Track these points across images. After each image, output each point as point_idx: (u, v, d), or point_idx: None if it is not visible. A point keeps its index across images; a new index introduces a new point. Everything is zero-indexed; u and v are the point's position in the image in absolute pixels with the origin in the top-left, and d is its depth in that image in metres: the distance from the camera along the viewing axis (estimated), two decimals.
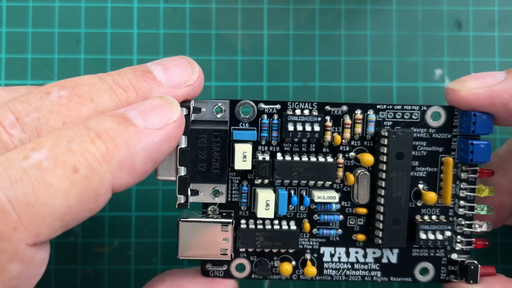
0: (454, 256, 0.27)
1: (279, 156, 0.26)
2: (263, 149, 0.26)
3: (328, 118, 0.26)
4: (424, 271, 0.28)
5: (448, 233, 0.27)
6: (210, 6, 0.33)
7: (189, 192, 0.25)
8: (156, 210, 0.32)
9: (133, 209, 0.32)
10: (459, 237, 0.27)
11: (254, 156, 0.26)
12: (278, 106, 0.26)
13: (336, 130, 0.26)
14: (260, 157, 0.26)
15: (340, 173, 0.27)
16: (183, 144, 0.25)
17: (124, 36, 0.33)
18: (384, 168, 0.26)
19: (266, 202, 0.26)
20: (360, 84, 0.33)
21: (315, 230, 0.27)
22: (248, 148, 0.25)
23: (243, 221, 0.27)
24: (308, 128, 0.26)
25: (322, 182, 0.27)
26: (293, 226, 0.27)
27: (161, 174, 0.25)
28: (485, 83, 0.25)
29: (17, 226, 0.19)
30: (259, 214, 0.26)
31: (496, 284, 0.26)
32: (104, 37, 0.32)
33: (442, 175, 0.27)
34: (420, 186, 0.27)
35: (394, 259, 0.27)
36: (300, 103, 0.26)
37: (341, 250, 0.27)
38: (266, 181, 0.26)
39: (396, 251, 0.27)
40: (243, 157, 0.25)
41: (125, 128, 0.21)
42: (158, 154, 0.22)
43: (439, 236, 0.26)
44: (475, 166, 0.27)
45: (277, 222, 0.27)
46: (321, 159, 0.26)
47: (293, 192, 0.27)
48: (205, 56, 0.33)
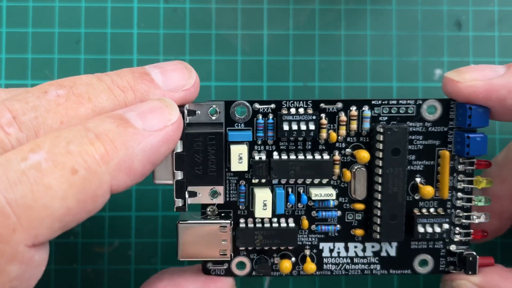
0: (453, 248, 0.27)
1: (275, 156, 0.26)
2: (259, 149, 0.27)
3: (323, 115, 0.26)
4: (423, 263, 0.28)
5: (446, 226, 0.27)
6: (210, 6, 0.33)
7: (187, 194, 0.25)
8: (156, 210, 0.32)
9: (133, 209, 0.32)
10: (457, 228, 0.27)
11: (250, 156, 0.26)
12: (273, 106, 0.26)
13: (332, 127, 0.27)
14: (257, 157, 0.26)
15: (337, 170, 0.27)
16: (179, 149, 0.25)
17: (124, 36, 0.33)
18: (380, 164, 0.26)
19: (263, 202, 0.26)
20: (360, 84, 0.33)
21: (313, 227, 0.27)
22: (243, 149, 0.26)
23: (242, 220, 0.27)
24: (303, 126, 0.26)
25: (319, 180, 0.27)
26: (292, 224, 0.27)
27: (158, 178, 0.25)
28: (484, 76, 0.25)
29: (16, 228, 0.19)
30: (257, 214, 0.26)
31: (495, 275, 0.26)
32: (104, 37, 0.32)
33: (439, 168, 0.27)
34: (418, 179, 0.27)
35: (393, 252, 0.28)
36: (295, 102, 0.26)
37: (340, 245, 0.27)
38: (264, 180, 0.27)
39: (395, 244, 0.27)
40: (239, 159, 0.26)
41: (124, 130, 0.21)
42: (157, 156, 0.22)
43: (437, 229, 0.27)
44: (472, 158, 0.27)
45: (275, 220, 0.27)
46: (317, 156, 0.26)
47: (290, 190, 0.27)
48: (205, 56, 0.33)
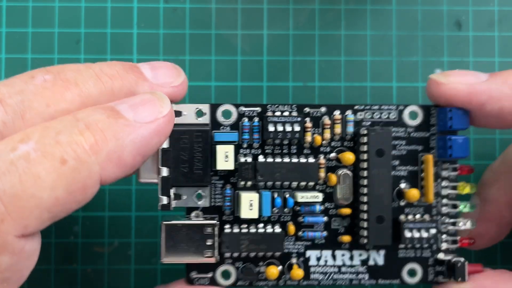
0: (441, 256, 0.27)
1: (261, 158, 0.26)
2: (245, 152, 0.26)
3: (307, 119, 0.27)
4: (412, 273, 0.27)
5: (433, 231, 0.27)
6: (210, 6, 0.33)
7: (172, 196, 0.25)
8: (156, 210, 0.32)
9: (133, 209, 0.32)
10: (444, 236, 0.27)
11: (236, 159, 0.26)
12: (258, 109, 0.26)
13: (316, 131, 0.27)
14: (242, 159, 0.26)
15: (322, 173, 0.27)
16: (165, 145, 0.25)
17: (124, 36, 0.33)
18: (365, 166, 0.26)
19: (249, 202, 0.26)
20: (360, 84, 0.33)
21: (300, 233, 0.27)
22: (229, 148, 0.26)
23: (227, 226, 0.26)
24: (288, 128, 0.26)
25: (305, 183, 0.26)
26: (278, 229, 0.26)
27: (143, 177, 0.25)
28: (467, 81, 0.26)
29: (5, 218, 0.19)
30: (243, 215, 0.26)
31: (485, 281, 0.26)
32: (104, 37, 0.32)
33: (423, 174, 0.27)
34: (402, 185, 0.27)
35: (381, 261, 0.27)
36: (280, 106, 0.26)
37: (327, 253, 0.27)
38: (249, 183, 0.26)
39: (382, 252, 0.27)
40: (225, 157, 0.26)
41: (114, 121, 0.21)
42: (147, 148, 0.22)
43: (424, 234, 0.26)
44: (455, 163, 0.27)
45: (262, 225, 0.27)
46: (303, 160, 0.26)
47: (276, 195, 0.27)
48: (205, 56, 0.33)
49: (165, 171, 0.25)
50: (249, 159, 0.26)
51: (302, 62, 0.33)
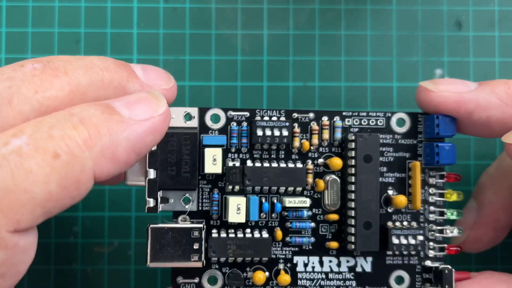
0: (428, 263, 0.27)
1: (249, 163, 0.26)
2: (233, 157, 0.26)
3: (296, 125, 0.27)
4: (399, 280, 0.27)
5: (421, 237, 0.27)
6: (210, 6, 0.33)
7: (159, 199, 0.25)
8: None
9: (133, 209, 0.32)
10: (431, 243, 0.27)
11: (224, 163, 0.26)
12: (247, 114, 0.26)
13: (305, 137, 0.27)
14: (230, 164, 0.26)
15: (310, 179, 0.27)
16: (153, 147, 0.24)
17: (124, 36, 0.33)
18: (353, 172, 0.26)
19: (237, 206, 0.26)
20: (360, 84, 0.33)
21: (287, 239, 0.27)
22: (218, 151, 0.26)
23: (214, 231, 0.26)
24: (276, 133, 0.26)
25: (292, 189, 0.26)
26: (266, 234, 0.26)
27: (130, 179, 0.25)
28: (456, 89, 0.26)
29: None
30: (230, 219, 0.26)
31: (474, 286, 0.26)
32: (104, 37, 0.32)
33: (410, 180, 0.27)
34: (390, 192, 0.27)
35: (368, 268, 0.27)
36: (268, 111, 0.26)
37: (314, 259, 0.27)
38: (237, 188, 0.26)
39: (370, 259, 0.27)
40: (213, 161, 0.25)
41: (109, 116, 0.21)
42: (141, 145, 0.22)
43: (412, 241, 0.27)
44: (442, 170, 0.27)
45: (249, 230, 0.26)
46: (291, 165, 0.26)
47: (264, 199, 0.27)
48: (205, 56, 0.33)
49: (152, 173, 0.25)
50: (237, 164, 0.26)
51: (302, 62, 0.33)
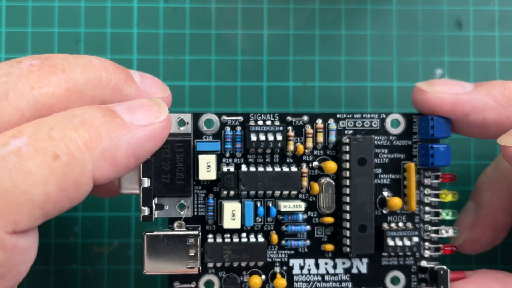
0: (424, 264, 0.27)
1: (243, 167, 0.26)
2: (227, 161, 0.26)
3: (290, 128, 0.27)
4: (395, 280, 0.27)
5: (416, 239, 0.27)
6: (210, 6, 0.33)
7: (154, 206, 0.25)
8: None
9: (132, 209, 0.32)
10: (427, 243, 0.27)
11: (218, 169, 0.26)
12: (240, 118, 0.26)
13: (299, 140, 0.27)
14: (225, 169, 0.26)
15: (305, 182, 0.27)
16: None
17: (124, 36, 0.32)
18: (348, 175, 0.26)
19: (232, 212, 0.26)
20: (360, 84, 0.33)
21: (283, 242, 0.27)
22: (212, 158, 0.26)
23: (210, 236, 0.26)
24: (270, 137, 0.26)
25: (287, 192, 0.26)
26: (261, 238, 0.26)
27: (124, 188, 0.25)
28: (452, 90, 0.26)
29: None
30: (225, 225, 0.26)
31: (469, 286, 0.27)
32: (104, 37, 0.32)
33: (405, 182, 0.27)
34: (385, 193, 0.27)
35: (364, 269, 0.27)
36: (262, 115, 0.26)
37: (310, 262, 0.27)
38: (232, 193, 0.26)
39: (365, 260, 0.27)
40: (207, 167, 0.25)
41: (110, 119, 0.21)
42: (141, 150, 0.22)
43: (407, 242, 0.27)
44: (437, 171, 0.27)
45: (244, 235, 0.27)
46: (285, 169, 0.26)
47: (259, 204, 0.27)
48: (205, 56, 0.33)
49: (146, 182, 0.24)
50: (232, 169, 0.26)
51: (302, 62, 0.33)
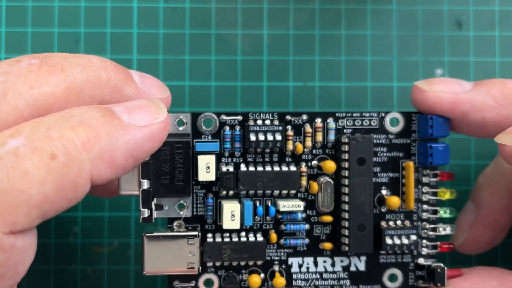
0: (421, 261, 0.27)
1: (242, 167, 0.26)
2: (226, 161, 0.26)
3: (289, 127, 0.27)
4: (393, 278, 0.28)
5: (414, 237, 0.27)
6: (210, 6, 0.33)
7: (153, 207, 0.25)
8: None
9: (132, 209, 0.32)
10: (424, 241, 0.27)
11: (217, 168, 0.26)
12: (239, 117, 0.26)
13: (298, 139, 0.27)
14: (224, 169, 0.26)
15: (304, 181, 0.27)
16: None
17: (124, 36, 0.32)
18: (347, 174, 0.26)
19: (231, 212, 0.26)
20: (360, 84, 0.33)
21: (282, 241, 0.27)
22: (211, 159, 0.26)
23: (209, 235, 0.26)
24: (270, 137, 0.26)
25: (286, 192, 0.26)
26: (260, 238, 0.26)
27: (123, 189, 0.25)
28: (451, 89, 0.26)
29: None
30: (225, 226, 0.26)
31: (465, 283, 0.27)
32: (103, 37, 0.32)
33: (403, 180, 0.27)
34: (383, 192, 0.27)
35: (362, 267, 0.27)
36: (261, 114, 0.26)
37: (309, 260, 0.27)
38: (231, 192, 0.26)
39: (363, 258, 0.27)
40: (206, 168, 0.25)
41: (109, 119, 0.21)
42: (140, 151, 0.22)
43: (405, 241, 0.27)
44: (436, 170, 0.27)
45: (244, 234, 0.27)
46: (284, 168, 0.26)
47: (258, 203, 0.27)
48: (205, 56, 0.33)
49: (145, 184, 0.25)
50: (231, 168, 0.26)
51: (302, 62, 0.33)
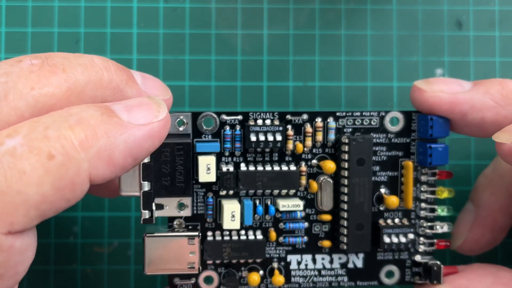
0: (418, 258, 0.28)
1: (243, 167, 0.26)
2: (226, 160, 0.26)
3: (289, 127, 0.27)
4: (389, 274, 0.28)
5: (411, 236, 0.27)
6: (210, 6, 0.33)
7: (154, 207, 0.25)
8: None
9: (132, 209, 0.32)
10: (421, 238, 0.28)
11: (218, 168, 0.26)
12: (240, 117, 0.26)
13: (298, 139, 0.27)
14: (224, 168, 0.26)
15: (304, 181, 0.27)
16: (146, 159, 0.24)
17: (124, 36, 0.32)
18: (346, 175, 0.26)
19: (231, 213, 0.26)
20: (360, 84, 0.33)
21: (281, 239, 0.27)
22: (211, 160, 0.26)
23: (209, 233, 0.27)
24: (270, 137, 0.26)
25: (286, 191, 0.27)
26: (260, 236, 0.27)
27: (124, 190, 0.25)
28: (450, 89, 0.26)
29: None
30: (225, 226, 0.26)
31: (461, 280, 0.27)
32: (103, 37, 0.32)
33: (402, 178, 0.27)
34: (382, 190, 0.27)
35: (360, 264, 0.28)
36: (262, 113, 0.26)
37: (307, 257, 0.28)
38: (231, 192, 0.26)
39: (361, 255, 0.28)
40: (207, 169, 0.25)
41: (108, 118, 0.21)
42: (139, 150, 0.21)
43: (403, 239, 0.27)
44: (434, 169, 0.27)
45: (243, 232, 0.27)
46: (284, 168, 0.26)
47: (258, 202, 0.27)
48: (205, 56, 0.33)
49: (146, 186, 0.24)
50: (231, 168, 0.26)
51: (302, 62, 0.33)
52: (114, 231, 0.32)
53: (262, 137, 0.26)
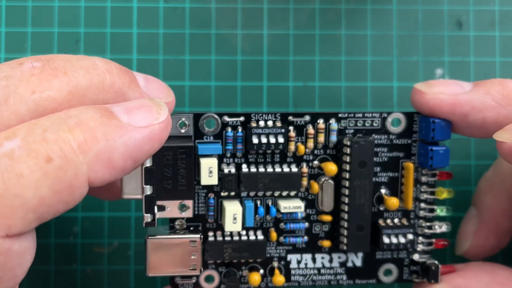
0: (416, 257, 0.28)
1: (244, 168, 0.26)
2: (228, 162, 0.26)
3: (291, 128, 0.27)
4: (388, 273, 0.28)
5: (410, 236, 0.27)
6: (210, 6, 0.33)
7: (156, 209, 0.25)
8: None
9: (132, 209, 0.32)
10: (420, 238, 0.28)
11: (219, 169, 0.26)
12: (242, 118, 0.26)
13: (300, 140, 0.27)
14: (226, 170, 0.26)
15: (305, 182, 0.27)
16: (148, 163, 0.24)
17: (124, 36, 0.32)
18: (347, 177, 0.26)
19: (233, 215, 0.26)
20: (360, 84, 0.33)
21: (281, 239, 0.27)
22: (213, 163, 0.25)
23: (210, 234, 0.27)
24: (272, 140, 0.26)
25: (287, 192, 0.27)
26: (260, 236, 0.27)
27: (126, 193, 0.24)
28: (451, 91, 0.26)
29: None
30: (227, 228, 0.26)
31: (458, 278, 0.27)
32: (103, 37, 0.32)
33: (403, 179, 0.28)
34: (382, 191, 0.28)
35: (358, 263, 0.28)
36: (264, 114, 0.26)
37: (307, 257, 0.28)
38: (233, 193, 0.27)
39: (360, 254, 0.28)
40: (209, 173, 0.25)
41: (107, 120, 0.21)
42: (139, 152, 0.21)
43: (402, 240, 0.27)
44: (434, 170, 0.27)
45: (244, 233, 0.27)
46: (286, 169, 0.26)
47: (259, 203, 0.27)
48: (205, 56, 0.33)
49: (148, 190, 0.24)
50: (233, 169, 0.26)
51: (302, 62, 0.33)
52: (114, 231, 0.32)
53: (264, 139, 0.26)
